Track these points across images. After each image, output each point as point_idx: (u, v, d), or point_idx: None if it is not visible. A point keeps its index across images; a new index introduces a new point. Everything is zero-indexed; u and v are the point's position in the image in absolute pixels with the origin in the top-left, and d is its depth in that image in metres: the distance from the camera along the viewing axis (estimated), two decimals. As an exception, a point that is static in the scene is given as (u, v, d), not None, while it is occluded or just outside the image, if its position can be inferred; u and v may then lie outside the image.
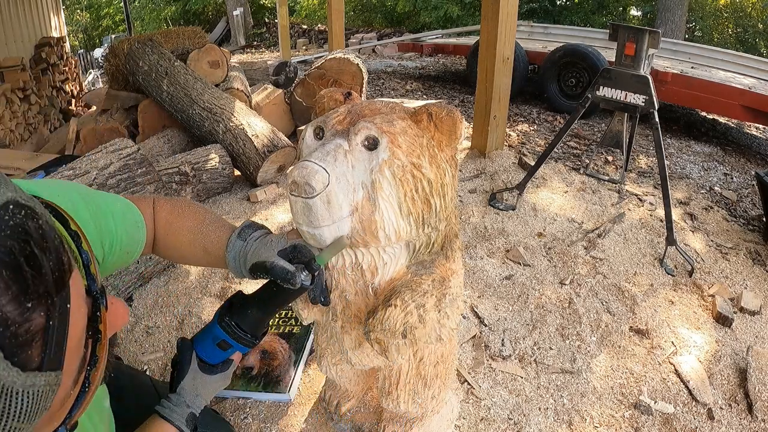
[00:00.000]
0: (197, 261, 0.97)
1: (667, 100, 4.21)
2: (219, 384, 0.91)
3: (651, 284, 2.02)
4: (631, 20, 12.04)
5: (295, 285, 0.76)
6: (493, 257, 2.13)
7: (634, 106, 2.20)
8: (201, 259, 0.94)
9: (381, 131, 0.78)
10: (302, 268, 0.78)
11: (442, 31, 8.16)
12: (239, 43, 11.96)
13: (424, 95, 5.07)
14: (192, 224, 0.92)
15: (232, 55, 4.76)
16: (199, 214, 0.94)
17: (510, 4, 2.76)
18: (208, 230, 0.91)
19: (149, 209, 0.92)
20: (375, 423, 1.22)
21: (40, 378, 0.37)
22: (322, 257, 0.79)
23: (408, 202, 0.79)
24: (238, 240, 0.87)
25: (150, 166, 2.04)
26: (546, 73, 4.58)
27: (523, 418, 1.38)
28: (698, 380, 1.53)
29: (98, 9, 17.75)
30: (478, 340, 1.66)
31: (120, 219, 0.82)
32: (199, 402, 0.88)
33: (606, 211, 2.55)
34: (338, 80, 3.33)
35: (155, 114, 3.27)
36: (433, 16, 10.86)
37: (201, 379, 0.88)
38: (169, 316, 1.79)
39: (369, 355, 0.97)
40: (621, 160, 2.96)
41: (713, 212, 2.74)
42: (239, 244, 0.86)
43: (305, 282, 0.77)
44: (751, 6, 11.53)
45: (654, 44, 2.11)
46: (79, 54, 10.89)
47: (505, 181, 2.78)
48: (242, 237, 0.87)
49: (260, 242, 0.84)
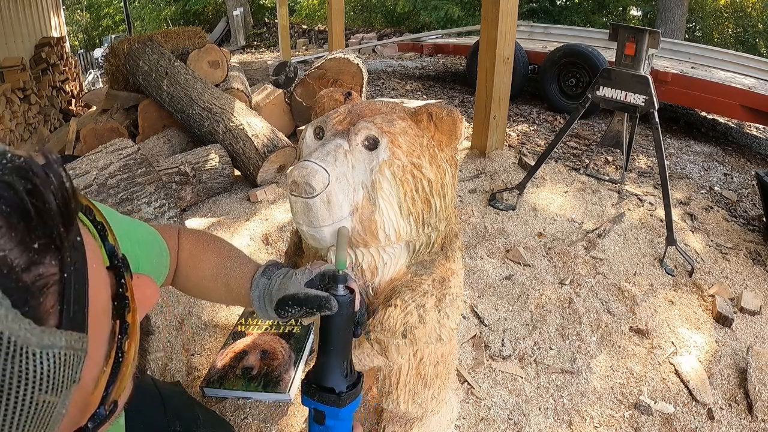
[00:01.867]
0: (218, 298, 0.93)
1: (667, 100, 4.21)
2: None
3: (651, 284, 2.02)
4: (631, 20, 12.04)
5: (332, 308, 0.70)
6: (493, 257, 2.13)
7: (634, 106, 2.20)
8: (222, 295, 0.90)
9: (381, 131, 0.78)
10: (335, 286, 0.72)
11: (442, 31, 8.15)
12: (239, 43, 11.96)
13: (424, 95, 5.07)
14: (216, 259, 0.89)
15: (232, 55, 4.76)
16: (224, 249, 0.91)
17: (510, 4, 2.76)
18: (233, 266, 0.87)
19: (174, 239, 0.89)
20: (375, 423, 1.22)
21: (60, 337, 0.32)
22: (339, 260, 0.74)
23: (408, 202, 0.79)
24: (262, 278, 0.83)
25: (150, 166, 2.04)
26: (546, 73, 4.58)
27: (523, 418, 1.38)
28: (698, 380, 1.53)
29: (98, 9, 17.75)
30: (478, 340, 1.66)
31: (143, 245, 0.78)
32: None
33: (606, 211, 2.55)
34: (338, 80, 3.33)
35: (155, 114, 3.27)
36: (433, 16, 10.85)
37: None
38: (169, 316, 1.79)
39: (369, 355, 0.97)
40: (621, 160, 2.96)
41: (713, 212, 2.74)
42: (263, 282, 0.83)
43: (343, 296, 0.72)
44: (751, 6, 11.53)
45: (654, 44, 2.11)
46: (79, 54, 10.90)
47: (505, 181, 2.78)
48: (266, 275, 0.83)
49: (285, 278, 0.80)
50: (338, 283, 0.72)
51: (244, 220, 2.42)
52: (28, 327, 0.30)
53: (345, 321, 0.73)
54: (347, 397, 0.73)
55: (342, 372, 0.73)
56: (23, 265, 0.30)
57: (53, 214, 0.33)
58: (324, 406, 0.73)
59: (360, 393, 0.76)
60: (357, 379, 0.76)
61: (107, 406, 0.40)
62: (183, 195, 2.45)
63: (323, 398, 0.73)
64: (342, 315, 0.72)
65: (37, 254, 0.31)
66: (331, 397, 0.72)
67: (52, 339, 0.31)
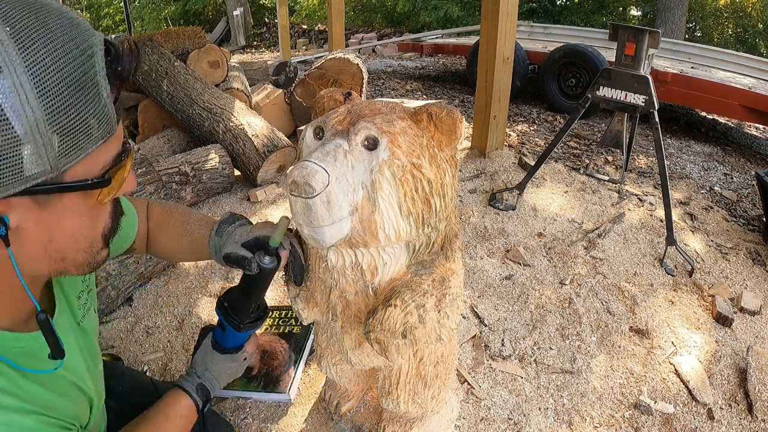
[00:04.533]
0: (186, 257, 1.12)
1: (667, 100, 4.21)
2: (229, 365, 1.02)
3: (651, 284, 2.02)
4: (631, 20, 12.04)
5: (252, 270, 0.87)
6: (493, 257, 2.13)
7: (634, 106, 2.20)
8: (188, 255, 1.07)
9: (381, 131, 0.78)
10: (262, 254, 0.87)
11: (442, 31, 8.14)
12: (239, 43, 11.95)
13: (424, 95, 5.07)
14: (180, 224, 1.03)
15: (232, 55, 4.75)
16: (185, 215, 1.05)
17: (510, 4, 2.76)
18: (193, 228, 1.01)
19: (143, 210, 1.03)
20: (375, 423, 1.22)
21: (113, 109, 0.59)
22: (274, 239, 0.87)
23: (408, 202, 0.79)
24: (216, 236, 0.97)
25: (150, 166, 2.04)
26: (546, 73, 4.58)
27: (523, 418, 1.38)
28: (698, 380, 1.53)
29: (98, 9, 17.74)
30: (478, 340, 1.66)
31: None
32: (208, 376, 0.98)
33: (606, 211, 2.55)
34: (338, 80, 3.33)
35: (155, 114, 3.27)
36: (433, 16, 10.84)
37: (210, 356, 1.00)
38: (169, 316, 1.79)
39: (369, 355, 0.97)
40: (621, 160, 2.96)
41: (713, 212, 2.74)
42: (216, 240, 0.96)
43: (268, 265, 0.87)
44: (751, 6, 11.53)
45: (654, 44, 2.11)
46: (79, 54, 10.85)
47: (505, 181, 2.78)
48: (219, 233, 0.96)
49: (230, 236, 0.94)
50: (265, 253, 0.88)
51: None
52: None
53: (262, 281, 0.92)
54: (245, 327, 0.97)
55: (249, 310, 0.97)
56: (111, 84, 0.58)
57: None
58: (226, 324, 0.97)
59: (261, 324, 1.01)
60: (260, 314, 1.00)
61: (106, 176, 0.60)
62: (183, 195, 2.45)
63: (228, 319, 0.97)
64: (262, 277, 0.90)
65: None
66: (233, 322, 0.96)
67: (110, 105, 0.58)
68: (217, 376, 0.99)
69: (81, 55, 0.54)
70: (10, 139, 0.49)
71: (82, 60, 0.54)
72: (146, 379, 1.20)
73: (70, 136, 0.53)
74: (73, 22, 0.55)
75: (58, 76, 0.51)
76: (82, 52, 0.54)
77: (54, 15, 0.53)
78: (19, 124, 0.49)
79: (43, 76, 0.50)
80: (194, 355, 1.02)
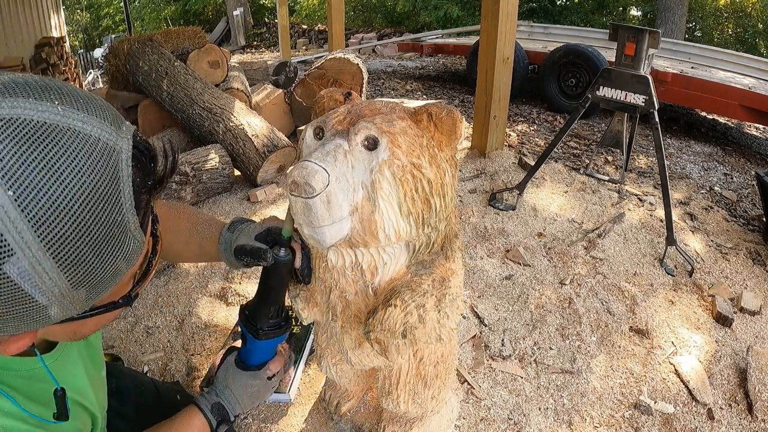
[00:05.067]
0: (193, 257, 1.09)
1: (667, 100, 4.21)
2: (250, 383, 0.97)
3: (651, 284, 2.02)
4: (631, 20, 12.04)
5: (268, 260, 0.84)
6: (493, 257, 2.13)
7: (634, 106, 2.20)
8: (196, 255, 1.04)
9: (381, 131, 0.78)
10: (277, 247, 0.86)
11: (442, 31, 8.14)
12: (239, 43, 11.95)
13: (424, 95, 5.07)
14: (188, 224, 1.01)
15: (232, 55, 4.76)
16: (193, 215, 1.04)
17: (510, 4, 2.76)
18: (202, 228, 1.00)
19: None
20: (375, 423, 1.22)
21: (140, 233, 0.54)
22: (286, 229, 0.86)
23: (408, 202, 0.79)
24: (227, 232, 0.95)
25: (150, 166, 2.04)
26: (546, 73, 4.58)
27: (523, 418, 1.38)
28: (698, 380, 1.53)
29: (98, 9, 17.76)
30: (478, 340, 1.66)
31: None
32: (228, 395, 0.94)
33: (606, 211, 2.55)
34: (338, 80, 3.33)
35: (155, 114, 3.27)
36: (433, 16, 10.85)
37: (233, 373, 0.97)
38: (169, 316, 1.79)
39: (369, 355, 0.97)
40: (621, 160, 2.96)
41: (713, 212, 2.74)
42: (228, 236, 0.95)
43: (284, 257, 0.85)
44: (751, 6, 11.53)
45: (654, 44, 2.11)
46: (79, 54, 10.91)
47: (505, 181, 2.78)
48: (231, 229, 0.96)
49: (240, 232, 0.93)
50: (280, 246, 0.86)
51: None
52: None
53: (279, 276, 0.89)
54: (264, 334, 0.93)
55: (268, 314, 0.93)
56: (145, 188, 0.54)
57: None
58: (246, 332, 0.94)
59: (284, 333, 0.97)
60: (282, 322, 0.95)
61: (133, 293, 0.61)
62: (183, 195, 2.46)
63: (248, 327, 0.94)
64: (277, 271, 0.87)
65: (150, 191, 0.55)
66: (252, 329, 0.93)
67: (138, 233, 0.53)
68: (238, 395, 0.96)
69: (105, 194, 0.47)
70: (36, 310, 0.48)
71: (105, 204, 0.48)
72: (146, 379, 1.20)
73: (97, 287, 0.51)
74: (92, 138, 0.47)
75: (78, 243, 0.46)
76: (106, 189, 0.47)
77: (69, 140, 0.45)
78: (44, 298, 0.47)
79: (62, 247, 0.45)
80: (217, 371, 1.00)
